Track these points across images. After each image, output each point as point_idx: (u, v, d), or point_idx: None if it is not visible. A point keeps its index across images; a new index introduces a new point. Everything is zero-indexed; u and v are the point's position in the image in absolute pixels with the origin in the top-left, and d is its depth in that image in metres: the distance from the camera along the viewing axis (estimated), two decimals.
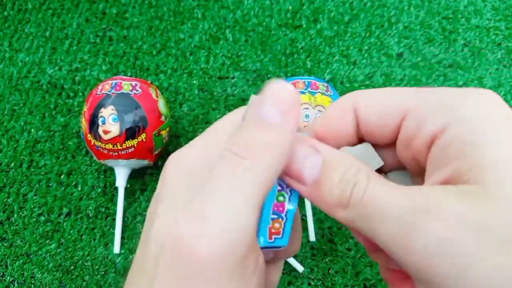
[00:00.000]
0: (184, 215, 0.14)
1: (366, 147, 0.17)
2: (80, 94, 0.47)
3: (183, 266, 0.13)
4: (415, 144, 0.15)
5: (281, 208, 0.17)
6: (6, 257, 0.39)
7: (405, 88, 0.16)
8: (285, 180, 0.16)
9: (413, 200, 0.13)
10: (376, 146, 0.18)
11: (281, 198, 0.17)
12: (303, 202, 0.38)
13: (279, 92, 0.15)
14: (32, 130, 0.45)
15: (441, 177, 0.14)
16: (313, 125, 0.18)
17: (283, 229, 0.17)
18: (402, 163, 0.17)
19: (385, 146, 0.17)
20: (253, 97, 0.15)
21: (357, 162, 0.15)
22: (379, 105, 0.16)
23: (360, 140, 0.18)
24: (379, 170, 0.18)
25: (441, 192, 0.13)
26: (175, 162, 0.17)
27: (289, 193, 0.17)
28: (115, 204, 0.41)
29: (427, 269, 0.13)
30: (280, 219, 0.17)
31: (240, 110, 0.17)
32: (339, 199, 0.15)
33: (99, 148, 0.37)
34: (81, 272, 0.38)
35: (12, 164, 0.43)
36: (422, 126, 0.15)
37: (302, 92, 0.36)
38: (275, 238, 0.17)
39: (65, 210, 0.41)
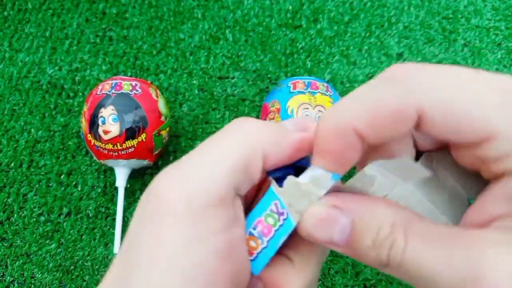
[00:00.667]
0: (163, 172, 0.15)
1: (405, 161, 0.15)
2: (80, 94, 0.47)
3: (149, 204, 0.14)
4: (490, 164, 0.13)
5: (265, 230, 0.15)
6: (6, 257, 0.39)
7: (487, 92, 0.13)
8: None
9: (458, 267, 0.12)
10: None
11: (270, 220, 0.15)
12: None
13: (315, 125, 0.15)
14: (32, 130, 0.45)
15: (499, 211, 0.13)
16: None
17: (258, 253, 0.15)
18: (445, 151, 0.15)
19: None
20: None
21: (391, 214, 0.14)
22: (455, 116, 0.13)
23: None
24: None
25: (491, 252, 0.12)
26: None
27: (281, 222, 0.15)
28: (115, 204, 0.41)
29: None
30: (259, 240, 0.15)
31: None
32: (376, 260, 0.14)
33: (99, 148, 0.37)
34: (81, 272, 0.38)
35: (12, 164, 0.43)
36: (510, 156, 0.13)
37: (302, 92, 0.36)
38: (252, 257, 0.15)
39: (65, 210, 0.41)
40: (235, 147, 0.14)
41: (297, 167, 0.16)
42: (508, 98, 0.12)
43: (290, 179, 0.15)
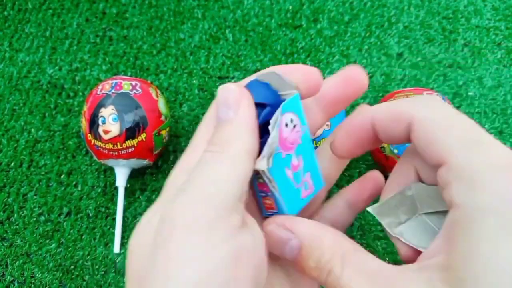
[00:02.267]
0: (174, 195, 0.16)
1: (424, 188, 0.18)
2: (80, 94, 0.47)
3: (160, 228, 0.15)
4: (443, 193, 0.16)
5: (265, 188, 0.18)
6: (6, 257, 0.39)
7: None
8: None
9: None
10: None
11: (260, 180, 0.18)
12: None
13: (224, 93, 0.18)
14: (32, 130, 0.45)
15: (438, 242, 0.15)
16: (333, 136, 0.20)
17: (276, 205, 0.18)
18: None
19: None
20: (212, 103, 0.19)
21: (334, 245, 0.16)
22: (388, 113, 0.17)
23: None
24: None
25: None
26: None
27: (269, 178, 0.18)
28: (115, 204, 0.41)
29: None
30: (269, 197, 0.18)
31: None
32: (317, 279, 0.16)
33: (99, 148, 0.37)
34: (81, 272, 0.38)
35: (12, 164, 0.43)
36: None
37: None
38: (271, 212, 0.18)
39: (65, 210, 0.41)
40: (225, 164, 0.16)
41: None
42: (470, 137, 0.15)
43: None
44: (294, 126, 0.18)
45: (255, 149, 0.17)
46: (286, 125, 0.17)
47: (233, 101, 0.17)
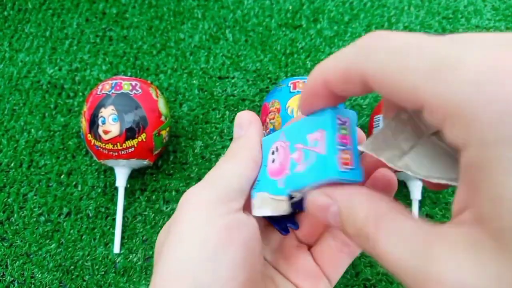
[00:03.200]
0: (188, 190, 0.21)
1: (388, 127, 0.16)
2: (80, 94, 0.47)
3: (179, 205, 0.20)
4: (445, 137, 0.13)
5: (344, 140, 0.17)
6: (6, 257, 0.39)
7: (419, 55, 0.13)
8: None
9: (416, 267, 0.13)
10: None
11: (343, 131, 0.17)
12: None
13: (238, 118, 0.23)
14: (32, 130, 0.45)
15: (463, 197, 0.13)
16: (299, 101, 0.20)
17: (353, 161, 0.17)
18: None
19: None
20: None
21: (366, 208, 0.15)
22: (392, 86, 0.14)
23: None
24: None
25: (444, 258, 0.12)
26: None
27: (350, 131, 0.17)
28: (115, 204, 0.41)
29: None
30: (348, 150, 0.17)
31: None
32: (361, 248, 0.16)
33: (99, 148, 0.37)
34: (81, 272, 0.38)
35: (12, 164, 0.43)
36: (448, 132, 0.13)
37: None
38: (347, 168, 0.17)
39: (65, 210, 0.41)
40: (233, 166, 0.21)
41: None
42: (436, 67, 0.12)
43: None
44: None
45: (259, 158, 0.22)
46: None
47: (245, 124, 0.22)
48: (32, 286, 0.37)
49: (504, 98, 0.10)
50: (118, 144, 0.36)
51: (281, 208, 0.20)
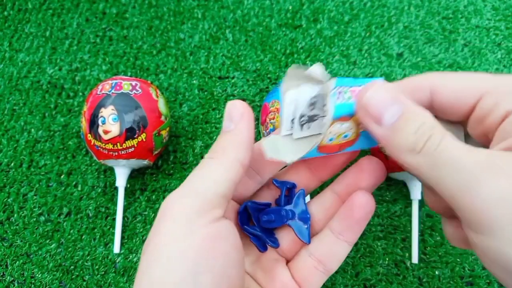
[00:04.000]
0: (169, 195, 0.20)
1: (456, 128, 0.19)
2: (80, 94, 0.47)
3: (160, 213, 0.19)
4: (488, 121, 0.17)
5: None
6: (6, 257, 0.39)
7: (481, 73, 0.18)
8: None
9: (482, 156, 0.15)
10: (448, 121, 0.20)
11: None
12: None
13: (229, 108, 0.21)
14: (32, 130, 0.45)
15: (505, 145, 0.16)
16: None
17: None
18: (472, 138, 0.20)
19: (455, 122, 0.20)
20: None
21: (435, 120, 0.17)
22: (457, 86, 0.19)
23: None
24: None
25: (506, 154, 0.15)
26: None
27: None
28: (115, 204, 0.41)
29: (486, 218, 0.15)
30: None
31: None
32: (412, 145, 0.17)
33: (99, 148, 0.37)
34: (81, 272, 0.38)
35: (12, 164, 0.43)
36: (497, 105, 0.17)
37: None
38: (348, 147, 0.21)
39: (65, 210, 0.41)
40: (214, 169, 0.20)
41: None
42: (497, 76, 0.17)
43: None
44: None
45: (246, 160, 0.20)
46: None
47: (236, 116, 0.21)
48: (32, 286, 0.37)
49: None
50: (118, 144, 0.36)
51: (303, 148, 0.20)
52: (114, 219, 0.40)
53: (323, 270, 0.23)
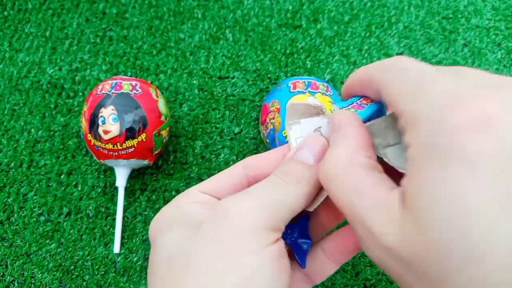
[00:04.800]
0: (234, 197, 0.19)
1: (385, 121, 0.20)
2: (80, 94, 0.47)
3: (222, 219, 0.18)
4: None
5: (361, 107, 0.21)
6: (6, 257, 0.39)
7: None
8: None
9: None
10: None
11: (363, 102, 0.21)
12: None
13: (315, 142, 0.20)
14: (32, 130, 0.45)
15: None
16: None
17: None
18: None
19: None
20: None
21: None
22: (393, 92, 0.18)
23: None
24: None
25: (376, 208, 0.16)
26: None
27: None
28: (115, 204, 0.41)
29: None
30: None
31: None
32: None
33: (99, 148, 0.37)
34: (81, 272, 0.38)
35: (12, 164, 0.43)
36: (404, 132, 0.17)
37: (302, 92, 0.36)
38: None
39: (65, 210, 0.41)
40: (293, 195, 0.19)
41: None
42: (414, 86, 0.16)
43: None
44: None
45: (311, 198, 0.20)
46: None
47: (320, 153, 0.20)
48: (32, 286, 0.37)
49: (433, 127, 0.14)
50: (118, 144, 0.36)
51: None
52: (114, 219, 0.40)
53: (309, 282, 0.23)
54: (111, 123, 0.36)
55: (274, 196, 0.19)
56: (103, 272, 0.38)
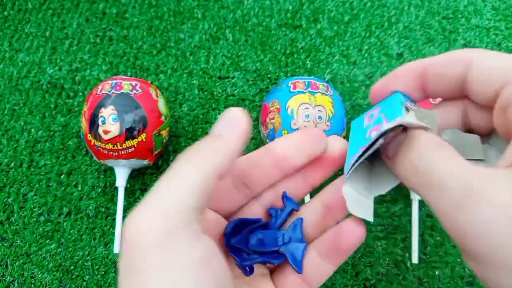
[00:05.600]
0: (136, 209, 0.16)
1: (473, 138, 0.19)
2: (80, 94, 0.47)
3: (124, 243, 0.16)
4: (508, 113, 0.16)
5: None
6: (6, 257, 0.39)
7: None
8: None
9: (466, 178, 0.15)
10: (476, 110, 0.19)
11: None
12: None
13: (229, 115, 0.19)
14: (32, 130, 0.45)
15: (506, 162, 0.15)
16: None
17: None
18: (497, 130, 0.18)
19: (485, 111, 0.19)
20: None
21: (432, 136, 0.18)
22: (492, 64, 0.18)
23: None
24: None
25: (493, 176, 0.14)
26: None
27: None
28: (115, 204, 0.41)
29: (469, 243, 0.14)
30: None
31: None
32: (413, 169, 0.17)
33: (99, 148, 0.37)
34: (81, 272, 0.38)
35: (12, 164, 0.43)
36: None
37: (302, 92, 0.36)
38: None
39: (65, 210, 0.41)
40: (187, 175, 0.17)
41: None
42: None
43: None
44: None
45: (224, 169, 0.18)
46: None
47: (235, 123, 0.19)
48: (32, 286, 0.37)
49: None
50: (118, 144, 0.36)
51: (369, 211, 0.20)
52: (114, 219, 0.40)
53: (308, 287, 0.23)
54: (111, 123, 0.36)
55: (167, 189, 0.18)
56: (103, 272, 0.38)
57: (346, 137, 0.28)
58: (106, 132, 0.36)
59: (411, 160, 0.17)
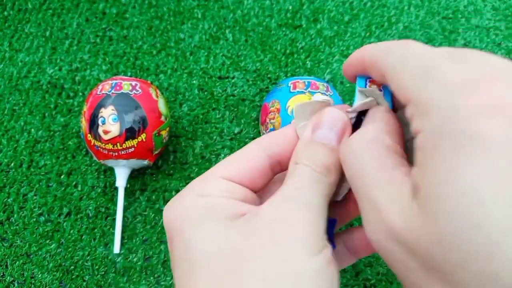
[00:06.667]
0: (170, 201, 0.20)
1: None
2: (80, 94, 0.47)
3: (167, 231, 0.19)
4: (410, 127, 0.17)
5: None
6: (6, 257, 0.39)
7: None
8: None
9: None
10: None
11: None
12: None
13: (335, 119, 0.19)
14: (32, 130, 0.45)
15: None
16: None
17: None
18: None
19: None
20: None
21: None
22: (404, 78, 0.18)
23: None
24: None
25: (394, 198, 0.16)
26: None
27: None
28: (115, 204, 0.41)
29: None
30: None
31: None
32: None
33: (99, 148, 0.37)
34: (81, 272, 0.38)
35: (12, 164, 0.43)
36: (412, 119, 0.16)
37: (302, 92, 0.36)
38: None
39: (65, 210, 0.41)
40: (329, 190, 0.19)
41: None
42: (423, 70, 0.15)
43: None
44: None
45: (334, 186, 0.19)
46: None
47: (342, 131, 0.19)
48: (32, 286, 0.37)
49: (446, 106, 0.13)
50: (118, 144, 0.36)
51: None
52: (114, 219, 0.40)
53: None
54: (111, 123, 0.36)
55: (316, 198, 0.18)
56: (103, 272, 0.38)
57: None
58: (106, 132, 0.36)
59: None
